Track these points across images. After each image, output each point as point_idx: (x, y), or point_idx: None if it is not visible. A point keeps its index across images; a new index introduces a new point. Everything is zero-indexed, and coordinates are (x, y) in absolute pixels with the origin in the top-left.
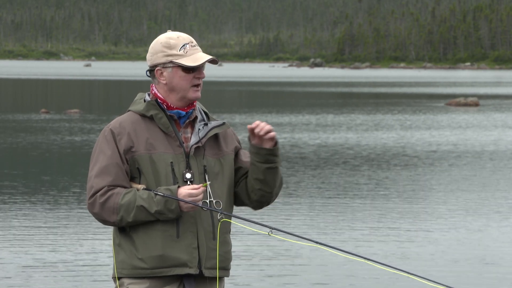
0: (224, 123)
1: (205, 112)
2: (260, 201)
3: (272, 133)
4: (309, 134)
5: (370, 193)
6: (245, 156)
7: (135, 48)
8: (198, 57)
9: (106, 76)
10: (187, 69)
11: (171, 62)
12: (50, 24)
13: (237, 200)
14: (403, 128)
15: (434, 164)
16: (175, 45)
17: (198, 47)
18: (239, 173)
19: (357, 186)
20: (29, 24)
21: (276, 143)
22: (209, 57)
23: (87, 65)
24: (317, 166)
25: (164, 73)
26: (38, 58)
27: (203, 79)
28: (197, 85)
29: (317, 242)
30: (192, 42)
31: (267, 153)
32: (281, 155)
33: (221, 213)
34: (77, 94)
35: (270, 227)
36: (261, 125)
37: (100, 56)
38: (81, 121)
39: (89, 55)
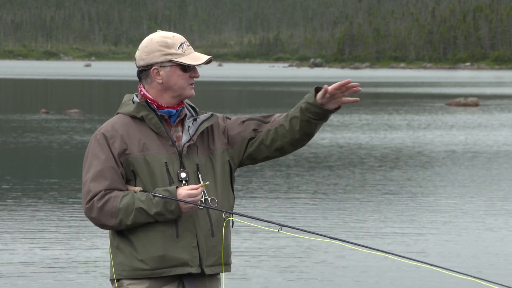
0: (212, 115)
1: (192, 107)
2: (295, 149)
3: (356, 98)
4: (317, 134)
5: (385, 192)
6: (238, 125)
7: (135, 48)
8: (197, 56)
9: (106, 76)
10: (185, 68)
11: (170, 61)
12: (50, 24)
13: (259, 156)
14: (410, 127)
15: (448, 164)
16: (173, 44)
17: (191, 46)
18: (244, 143)
19: (372, 185)
20: (29, 24)
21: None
22: (207, 56)
23: (87, 65)
24: (328, 165)
25: (161, 72)
26: (38, 58)
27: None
28: (192, 84)
29: (329, 237)
30: (186, 42)
31: (329, 112)
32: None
33: (226, 212)
34: (77, 94)
35: (279, 224)
36: (355, 83)
37: (100, 56)
38: (81, 121)
39: (89, 55)
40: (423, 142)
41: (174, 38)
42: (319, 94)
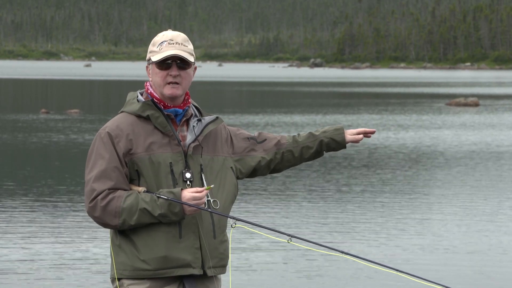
0: (217, 118)
1: (196, 108)
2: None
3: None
4: None
5: (394, 194)
6: (243, 141)
7: (135, 48)
8: (162, 53)
9: (106, 76)
10: (159, 66)
11: (150, 59)
12: (50, 24)
13: (255, 174)
14: (418, 127)
15: (471, 164)
16: (156, 42)
17: (179, 45)
18: (255, 161)
19: (382, 186)
20: (29, 24)
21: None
22: (170, 53)
23: (87, 65)
24: (332, 166)
25: (149, 70)
26: (38, 58)
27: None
28: (174, 82)
29: (340, 251)
30: (172, 40)
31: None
32: None
33: (233, 218)
34: (77, 94)
35: (289, 235)
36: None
37: (100, 56)
38: (81, 121)
39: (89, 55)
40: (433, 142)
41: (163, 36)
42: (350, 137)
